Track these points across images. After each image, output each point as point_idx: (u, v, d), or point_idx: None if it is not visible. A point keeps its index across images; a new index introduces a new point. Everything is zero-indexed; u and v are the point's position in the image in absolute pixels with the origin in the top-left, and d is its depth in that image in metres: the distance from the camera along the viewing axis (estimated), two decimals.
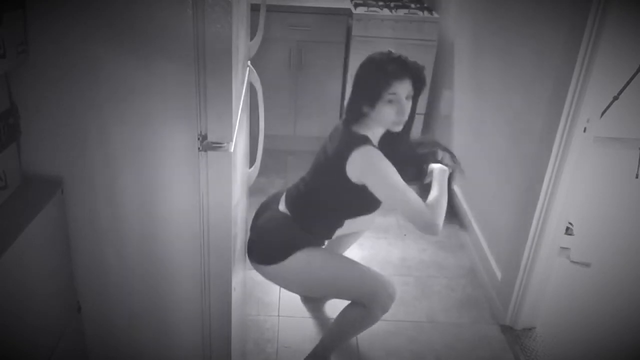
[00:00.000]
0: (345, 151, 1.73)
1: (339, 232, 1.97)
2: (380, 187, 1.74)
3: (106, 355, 1.52)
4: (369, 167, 1.72)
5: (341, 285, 1.89)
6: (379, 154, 1.74)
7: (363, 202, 1.85)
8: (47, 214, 1.22)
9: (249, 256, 1.93)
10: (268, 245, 1.90)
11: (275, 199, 2.01)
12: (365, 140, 1.74)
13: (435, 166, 1.90)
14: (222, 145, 1.24)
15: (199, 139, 1.23)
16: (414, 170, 1.94)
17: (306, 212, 1.90)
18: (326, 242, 2.02)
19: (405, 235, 2.91)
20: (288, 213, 1.91)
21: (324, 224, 1.93)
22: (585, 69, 1.86)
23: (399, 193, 1.71)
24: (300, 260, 1.83)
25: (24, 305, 1.17)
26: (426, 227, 1.72)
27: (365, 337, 2.20)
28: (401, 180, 1.72)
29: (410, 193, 1.71)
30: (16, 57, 1.12)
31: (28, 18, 1.13)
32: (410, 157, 1.96)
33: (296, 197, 1.92)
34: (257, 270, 1.92)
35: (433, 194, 1.79)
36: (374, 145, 1.77)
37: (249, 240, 1.95)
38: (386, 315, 1.91)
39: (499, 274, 2.41)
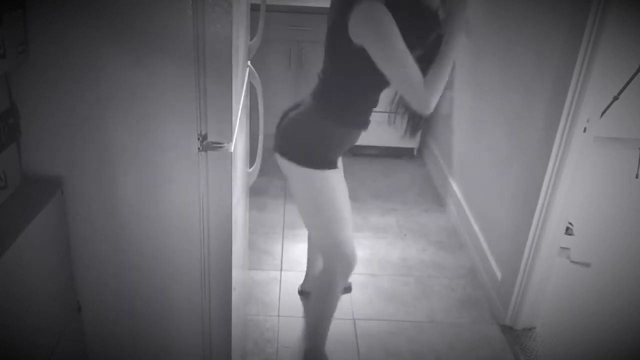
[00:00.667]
0: (346, 7, 1.54)
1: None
2: (376, 49, 1.53)
3: (106, 355, 1.52)
4: (368, 24, 1.52)
5: (330, 221, 1.85)
6: (383, 10, 1.50)
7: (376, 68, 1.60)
8: (47, 214, 1.22)
9: (280, 152, 1.81)
10: (304, 144, 1.78)
11: (300, 103, 1.87)
12: None
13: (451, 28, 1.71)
14: (222, 145, 1.24)
15: (199, 139, 1.23)
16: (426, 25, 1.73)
17: (334, 100, 1.76)
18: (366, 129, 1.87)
19: (405, 235, 2.91)
20: (318, 106, 1.77)
21: (355, 109, 1.77)
22: (585, 69, 1.86)
23: (395, 59, 1.52)
24: (327, 180, 1.78)
25: (24, 305, 1.17)
26: (418, 104, 1.59)
27: (365, 337, 2.20)
28: (402, 44, 1.52)
29: (409, 61, 1.53)
30: (16, 57, 1.12)
31: (28, 18, 1.13)
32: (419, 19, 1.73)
33: (322, 89, 1.78)
34: (280, 162, 1.82)
35: (434, 68, 1.60)
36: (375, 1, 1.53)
37: (278, 137, 1.83)
38: (386, 315, 1.91)
39: (499, 274, 2.41)
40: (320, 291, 1.98)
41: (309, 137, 1.78)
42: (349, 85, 1.72)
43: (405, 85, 1.57)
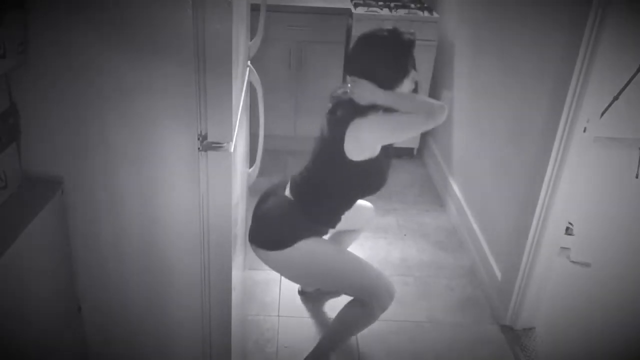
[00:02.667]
0: (339, 132, 1.73)
1: (342, 222, 1.94)
2: (386, 139, 1.77)
3: (106, 355, 1.52)
4: (363, 130, 1.72)
5: (343, 279, 1.88)
6: (374, 119, 1.73)
7: (365, 180, 1.83)
8: (47, 214, 1.22)
9: (251, 240, 1.89)
10: (273, 230, 1.87)
11: (279, 186, 1.98)
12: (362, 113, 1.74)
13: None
14: (222, 145, 1.24)
15: (199, 139, 1.23)
16: None
17: (310, 198, 1.87)
18: (329, 233, 2.00)
19: (405, 235, 2.91)
20: (292, 199, 1.89)
21: (328, 210, 1.90)
22: (585, 69, 1.86)
23: (400, 130, 1.76)
24: (305, 249, 1.82)
25: (24, 305, 1.17)
26: (438, 115, 1.71)
27: (365, 337, 2.20)
28: (397, 119, 1.73)
29: (407, 120, 1.73)
30: (16, 57, 1.12)
31: (28, 18, 1.13)
32: None
33: (300, 183, 1.89)
34: (258, 254, 1.89)
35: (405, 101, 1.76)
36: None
37: (251, 224, 1.91)
38: (386, 315, 1.91)
39: (499, 274, 2.41)
40: (357, 315, 1.92)
41: (279, 225, 1.87)
42: (329, 190, 1.86)
43: (417, 125, 1.75)
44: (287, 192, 1.91)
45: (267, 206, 1.92)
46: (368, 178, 1.81)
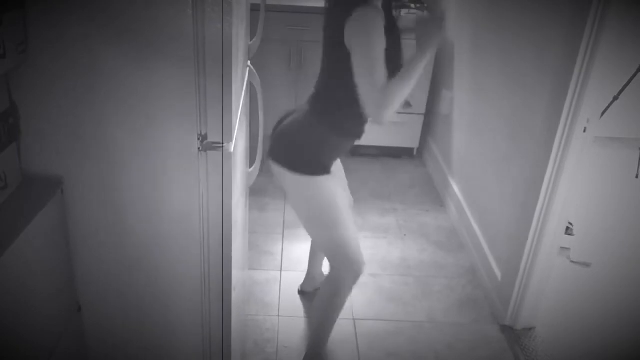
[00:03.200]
0: (344, 14, 1.61)
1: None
2: (358, 49, 1.58)
3: (106, 355, 1.52)
4: (361, 27, 1.58)
5: (334, 229, 1.85)
6: (379, 17, 1.58)
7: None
8: (47, 214, 1.22)
9: (272, 158, 1.84)
10: (299, 150, 1.80)
11: (299, 108, 1.90)
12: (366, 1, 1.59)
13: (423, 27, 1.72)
14: (222, 145, 1.24)
15: (199, 139, 1.23)
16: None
17: (329, 107, 1.79)
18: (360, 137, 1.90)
19: (405, 235, 2.91)
20: (314, 112, 1.80)
21: (348, 115, 1.78)
22: (585, 69, 1.86)
23: (370, 60, 1.56)
24: (321, 186, 1.78)
25: (24, 305, 1.17)
26: (373, 107, 1.57)
27: (365, 337, 2.20)
28: (381, 52, 1.57)
29: (379, 67, 1.56)
30: (16, 57, 1.12)
31: (28, 18, 1.13)
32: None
33: (316, 95, 1.82)
34: (276, 172, 1.84)
35: (399, 77, 1.60)
36: (374, 7, 1.61)
37: (273, 142, 1.86)
38: (386, 315, 1.91)
39: (499, 274, 2.41)
40: (327, 295, 1.96)
41: (302, 144, 1.80)
42: (345, 95, 1.71)
43: (365, 89, 1.57)
44: (306, 110, 1.82)
45: (290, 123, 1.83)
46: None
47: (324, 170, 1.80)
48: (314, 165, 1.78)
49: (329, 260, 1.92)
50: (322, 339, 2.06)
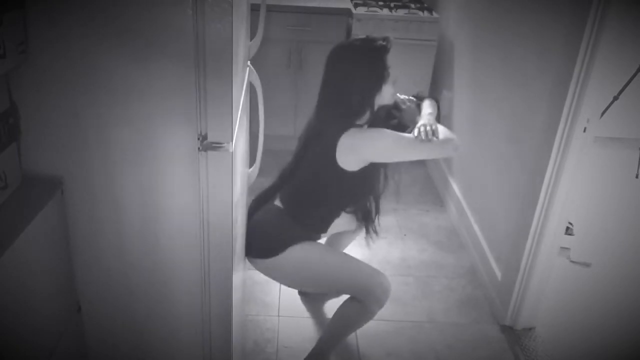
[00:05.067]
0: (331, 141, 1.75)
1: (333, 227, 1.97)
2: (387, 154, 1.80)
3: (106, 355, 1.52)
4: (360, 142, 1.75)
5: (337, 280, 1.89)
6: (362, 129, 1.78)
7: (355, 189, 1.86)
8: (47, 214, 1.22)
9: (245, 253, 1.91)
10: (264, 238, 1.88)
11: (267, 195, 1.99)
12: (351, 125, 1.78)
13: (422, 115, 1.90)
14: (222, 145, 1.24)
15: (199, 139, 1.23)
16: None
17: (301, 206, 1.90)
18: (323, 239, 2.01)
19: (405, 235, 2.91)
20: (283, 208, 1.91)
21: (318, 217, 1.93)
22: (585, 69, 1.86)
23: (402, 147, 1.76)
24: (298, 254, 1.83)
25: (24, 305, 1.17)
26: (450, 153, 1.82)
27: (365, 337, 2.20)
28: (391, 135, 1.76)
29: (406, 139, 1.76)
30: (16, 57, 1.12)
31: (28, 18, 1.13)
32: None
33: (290, 192, 1.91)
34: (253, 264, 1.91)
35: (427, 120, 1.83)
36: (357, 125, 1.81)
37: (246, 236, 1.94)
38: (386, 315, 1.91)
39: (499, 274, 2.41)
40: (353, 311, 1.92)
41: (271, 232, 1.88)
42: (323, 200, 1.89)
43: (425, 152, 1.81)
44: (278, 202, 1.93)
45: (258, 217, 1.93)
46: (358, 185, 1.82)
47: (292, 242, 1.84)
48: (282, 244, 1.84)
49: (355, 296, 1.90)
50: (333, 346, 2.07)
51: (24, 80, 1.18)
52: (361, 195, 1.93)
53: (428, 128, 1.77)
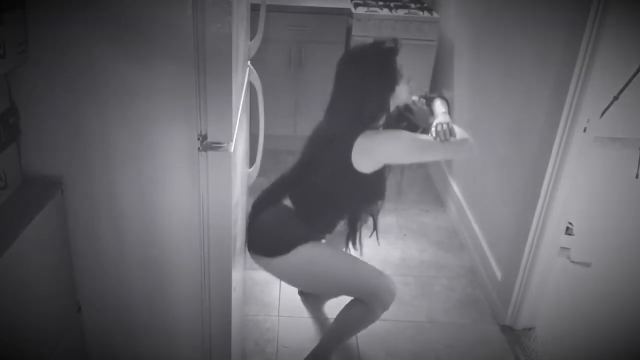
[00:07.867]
0: (347, 144, 1.74)
1: (338, 227, 1.97)
2: (406, 156, 1.84)
3: (106, 355, 1.52)
4: (377, 144, 1.76)
5: (343, 281, 1.88)
6: (378, 131, 1.77)
7: (368, 192, 1.86)
8: (47, 214, 1.22)
9: (249, 249, 1.91)
10: (272, 237, 1.87)
11: (272, 194, 1.98)
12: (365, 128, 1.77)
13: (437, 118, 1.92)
14: (222, 145, 1.24)
15: (199, 139, 1.23)
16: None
17: (312, 208, 1.88)
18: (325, 238, 2.01)
19: (405, 235, 2.91)
20: (293, 208, 1.89)
21: (329, 219, 1.93)
22: (585, 69, 1.86)
23: (419, 148, 1.79)
24: (304, 254, 1.82)
25: (24, 305, 1.17)
26: (469, 154, 1.87)
27: (365, 337, 2.20)
28: (409, 136, 1.78)
29: (424, 141, 1.79)
30: (16, 57, 1.12)
31: (28, 18, 1.13)
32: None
33: (302, 194, 1.89)
34: (258, 262, 1.90)
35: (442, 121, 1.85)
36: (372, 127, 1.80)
37: (250, 234, 1.93)
38: (386, 315, 1.91)
39: (499, 274, 2.41)
40: (358, 313, 1.91)
41: (279, 231, 1.88)
42: (333, 203, 1.89)
43: (443, 153, 1.88)
44: (288, 202, 1.91)
45: (266, 216, 1.92)
46: (373, 188, 1.83)
47: (299, 242, 1.83)
48: (289, 243, 1.83)
49: (360, 299, 1.90)
50: (335, 347, 2.06)
51: (24, 80, 1.18)
52: (372, 197, 1.92)
53: (445, 127, 1.77)
